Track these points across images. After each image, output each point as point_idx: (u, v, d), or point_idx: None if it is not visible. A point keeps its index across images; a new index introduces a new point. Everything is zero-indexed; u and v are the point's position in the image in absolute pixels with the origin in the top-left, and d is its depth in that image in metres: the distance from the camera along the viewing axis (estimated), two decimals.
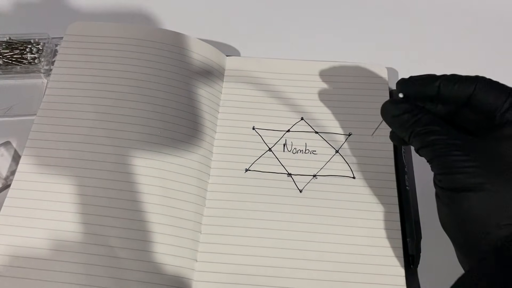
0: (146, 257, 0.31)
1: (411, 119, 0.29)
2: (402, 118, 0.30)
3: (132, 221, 0.32)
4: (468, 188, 0.26)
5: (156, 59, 0.37)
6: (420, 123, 0.29)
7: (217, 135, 0.37)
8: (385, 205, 0.34)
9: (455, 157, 0.27)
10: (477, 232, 0.26)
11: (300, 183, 0.35)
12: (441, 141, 0.28)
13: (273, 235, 0.33)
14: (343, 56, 0.41)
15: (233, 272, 0.32)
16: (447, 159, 0.27)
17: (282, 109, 0.38)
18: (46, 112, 0.35)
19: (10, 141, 0.37)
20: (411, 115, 0.29)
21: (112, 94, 0.35)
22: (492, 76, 0.30)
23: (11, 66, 0.39)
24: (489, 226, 0.26)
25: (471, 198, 0.26)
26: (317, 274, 0.31)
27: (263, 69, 0.39)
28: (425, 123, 0.29)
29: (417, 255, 0.32)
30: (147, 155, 0.34)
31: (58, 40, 0.40)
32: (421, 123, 0.29)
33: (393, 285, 0.31)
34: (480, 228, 0.26)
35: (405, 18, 0.45)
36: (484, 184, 0.26)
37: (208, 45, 0.39)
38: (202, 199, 0.34)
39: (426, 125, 0.29)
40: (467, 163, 0.26)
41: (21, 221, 0.31)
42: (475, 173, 0.26)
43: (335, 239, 0.33)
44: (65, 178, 0.33)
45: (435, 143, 0.28)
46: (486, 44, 0.44)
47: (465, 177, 0.27)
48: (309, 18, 0.45)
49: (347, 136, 0.37)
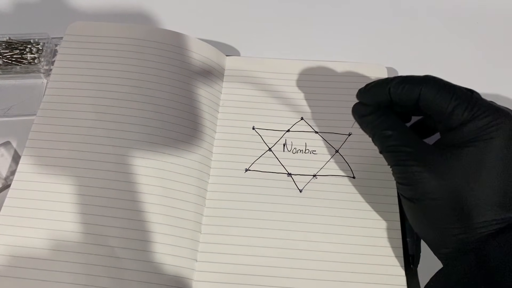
0: (146, 257, 0.31)
1: (374, 121, 0.30)
2: (367, 119, 0.30)
3: (132, 221, 0.32)
4: (416, 199, 0.27)
5: (156, 59, 0.37)
6: (380, 127, 0.29)
7: (217, 135, 0.37)
8: (385, 205, 0.34)
9: (407, 167, 0.27)
10: (435, 237, 0.27)
11: (300, 183, 0.35)
12: (396, 149, 0.28)
13: (273, 235, 0.33)
14: (343, 56, 0.41)
15: (233, 272, 0.32)
16: (400, 169, 0.28)
17: (282, 109, 0.38)
18: (46, 112, 0.35)
19: (10, 141, 0.37)
20: (375, 117, 0.30)
21: (112, 94, 0.35)
22: (492, 76, 0.30)
23: (11, 66, 0.39)
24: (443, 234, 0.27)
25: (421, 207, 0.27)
26: (317, 274, 0.31)
27: (263, 69, 0.39)
28: (384, 127, 0.29)
29: (417, 255, 0.32)
30: (147, 155, 0.34)
31: (58, 40, 0.40)
32: (381, 126, 0.29)
33: (393, 285, 0.31)
34: (436, 235, 0.27)
35: (405, 18, 0.45)
36: (420, 196, 0.27)
37: (208, 45, 0.39)
38: (202, 199, 0.34)
39: (385, 129, 0.29)
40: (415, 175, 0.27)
41: (21, 221, 0.31)
42: (420, 185, 0.27)
43: (335, 239, 0.33)
44: (65, 178, 0.33)
45: (392, 150, 0.28)
46: (486, 44, 0.44)
47: (404, 189, 0.28)
48: (309, 18, 0.45)
49: (347, 136, 0.37)
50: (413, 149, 0.27)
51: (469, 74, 0.42)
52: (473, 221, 0.25)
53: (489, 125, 0.26)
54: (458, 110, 0.27)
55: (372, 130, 0.30)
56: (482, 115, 0.26)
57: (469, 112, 0.26)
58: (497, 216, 0.25)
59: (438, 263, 0.28)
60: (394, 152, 0.28)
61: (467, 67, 0.42)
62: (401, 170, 0.28)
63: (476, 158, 0.26)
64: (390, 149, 0.28)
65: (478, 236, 0.25)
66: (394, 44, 0.44)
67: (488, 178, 0.25)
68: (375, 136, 0.30)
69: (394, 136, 0.28)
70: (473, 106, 0.26)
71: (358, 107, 0.31)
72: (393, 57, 0.42)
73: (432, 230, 0.27)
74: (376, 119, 0.29)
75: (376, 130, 0.29)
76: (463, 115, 0.26)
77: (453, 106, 0.27)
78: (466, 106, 0.26)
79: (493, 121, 0.26)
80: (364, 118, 0.30)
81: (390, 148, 0.28)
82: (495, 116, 0.26)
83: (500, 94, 0.40)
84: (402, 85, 0.28)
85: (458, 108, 0.27)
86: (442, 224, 0.26)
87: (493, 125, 0.26)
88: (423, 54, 0.43)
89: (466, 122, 0.26)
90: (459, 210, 0.26)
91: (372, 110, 0.30)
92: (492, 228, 0.25)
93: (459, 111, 0.26)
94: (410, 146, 0.28)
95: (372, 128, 0.30)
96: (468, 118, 0.26)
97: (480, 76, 0.42)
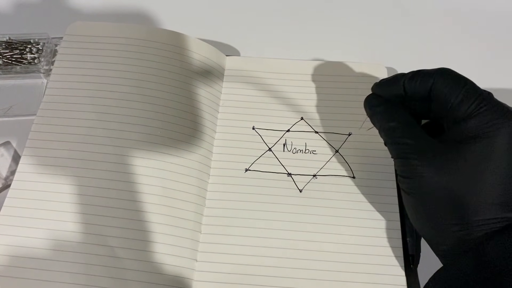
0: (146, 257, 0.31)
1: (382, 113, 0.30)
2: (376, 110, 0.31)
3: (132, 221, 0.32)
4: (416, 193, 0.27)
5: (156, 59, 0.37)
6: (387, 118, 0.29)
7: (217, 135, 0.37)
8: (385, 205, 0.34)
9: (408, 160, 0.27)
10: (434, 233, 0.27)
11: (300, 183, 0.35)
12: (399, 140, 0.28)
13: (273, 235, 0.33)
14: (343, 56, 0.41)
15: (233, 272, 0.32)
16: (401, 161, 0.28)
17: (282, 109, 0.38)
18: (46, 112, 0.35)
19: (10, 141, 0.37)
20: (383, 109, 0.30)
21: (112, 94, 0.35)
22: (492, 76, 0.30)
23: (11, 66, 0.39)
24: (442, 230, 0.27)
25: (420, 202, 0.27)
26: (317, 274, 0.31)
27: (263, 69, 0.39)
28: (390, 119, 0.29)
29: (417, 255, 0.32)
30: (147, 155, 0.34)
31: (58, 40, 0.40)
32: (388, 118, 0.29)
33: (393, 285, 0.31)
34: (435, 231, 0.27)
35: (405, 18, 0.45)
36: (419, 190, 0.27)
37: (208, 45, 0.39)
38: (202, 199, 0.34)
39: (391, 121, 0.29)
40: (416, 169, 0.27)
41: (21, 221, 0.31)
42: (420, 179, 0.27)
43: (335, 239, 0.33)
44: (65, 178, 0.33)
45: (395, 142, 0.28)
46: (486, 43, 0.44)
47: (404, 182, 0.28)
48: (309, 18, 0.45)
49: (347, 136, 0.37)
50: (416, 142, 0.27)
51: (469, 74, 0.41)
52: (473, 218, 0.25)
53: (494, 122, 0.26)
54: (466, 101, 0.27)
55: (380, 121, 0.30)
56: (489, 110, 0.26)
57: (477, 105, 0.26)
58: (497, 215, 0.25)
59: (438, 263, 0.28)
60: (397, 144, 0.28)
61: (467, 67, 0.42)
62: (403, 162, 0.28)
63: (478, 155, 0.26)
64: (394, 140, 0.29)
65: (478, 234, 0.25)
66: (394, 44, 0.44)
67: (489, 176, 0.25)
68: (381, 127, 0.30)
69: (399, 129, 0.28)
70: (481, 100, 0.26)
71: (370, 98, 0.32)
72: (393, 57, 0.42)
73: (431, 226, 0.27)
74: (385, 111, 0.30)
75: (383, 121, 0.30)
76: (470, 107, 0.26)
77: (462, 96, 0.27)
78: (475, 99, 0.26)
79: (499, 118, 0.26)
80: (373, 108, 0.31)
81: (394, 140, 0.29)
82: (501, 113, 0.26)
83: (500, 93, 0.40)
84: (416, 76, 0.29)
85: (466, 99, 0.27)
86: (441, 220, 0.26)
87: (499, 123, 0.26)
88: (423, 54, 0.43)
89: (473, 116, 0.26)
90: (458, 207, 0.26)
91: (383, 102, 0.30)
92: (492, 227, 0.25)
93: (467, 102, 0.27)
94: (413, 139, 0.28)
95: (380, 119, 0.30)
96: (475, 111, 0.26)
97: (480, 75, 0.41)
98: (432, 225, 0.27)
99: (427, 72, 0.29)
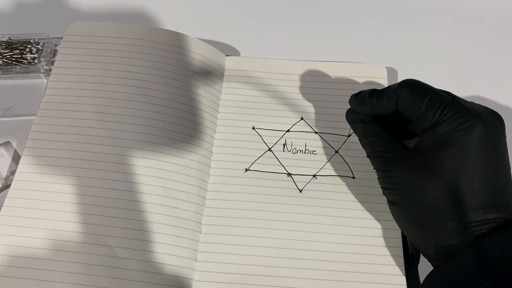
0: (146, 257, 0.31)
1: (361, 128, 0.31)
2: (355, 125, 0.32)
3: (132, 221, 0.32)
4: (397, 202, 0.28)
5: (156, 59, 0.37)
6: (366, 133, 0.30)
7: (217, 135, 0.37)
8: (385, 205, 0.33)
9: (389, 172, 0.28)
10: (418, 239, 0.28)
11: (300, 183, 0.35)
12: (379, 154, 0.29)
13: (273, 235, 0.33)
14: (343, 56, 0.41)
15: (233, 272, 0.32)
16: (382, 173, 0.29)
17: (282, 109, 0.38)
18: (46, 112, 0.35)
19: (10, 141, 0.37)
20: (362, 124, 0.31)
21: (112, 94, 0.35)
22: (492, 76, 0.30)
23: (11, 66, 0.39)
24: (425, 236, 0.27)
25: (402, 210, 0.28)
26: (317, 274, 0.31)
27: (263, 69, 0.39)
28: (369, 134, 0.30)
29: (417, 254, 0.32)
30: (147, 155, 0.34)
31: (58, 40, 0.40)
32: (367, 133, 0.30)
33: (393, 285, 0.31)
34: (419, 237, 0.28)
35: (405, 18, 0.45)
36: (401, 200, 0.28)
37: (208, 45, 0.39)
38: (202, 199, 0.34)
39: (370, 136, 0.30)
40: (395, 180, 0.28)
41: (21, 221, 0.31)
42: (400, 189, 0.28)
43: (335, 239, 0.33)
44: (65, 178, 0.33)
45: (376, 156, 0.29)
46: (486, 44, 0.44)
47: (387, 193, 0.29)
48: (309, 18, 0.45)
49: (346, 136, 0.37)
50: (394, 155, 0.28)
51: (468, 74, 0.42)
52: (451, 224, 0.26)
53: (463, 125, 0.26)
54: (430, 110, 0.27)
55: (359, 136, 0.31)
56: (452, 117, 0.26)
57: (440, 113, 0.27)
58: (478, 218, 0.25)
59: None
60: (378, 158, 0.29)
61: (467, 67, 0.42)
62: (383, 175, 0.29)
63: (453, 161, 0.26)
64: (375, 154, 0.30)
65: (460, 240, 0.25)
66: (394, 44, 0.44)
67: (467, 181, 0.25)
68: (361, 141, 0.31)
69: (377, 143, 0.29)
70: (444, 107, 0.27)
71: (349, 113, 0.33)
72: (393, 57, 0.42)
73: (415, 232, 0.28)
74: (363, 126, 0.31)
75: (362, 136, 0.31)
76: (435, 116, 0.27)
77: (425, 107, 0.27)
78: (437, 108, 0.27)
79: (467, 122, 0.26)
80: (353, 124, 0.32)
81: (374, 154, 0.30)
82: (465, 118, 0.26)
83: (500, 93, 0.40)
84: (382, 95, 0.29)
85: (429, 109, 0.27)
86: (422, 226, 0.27)
87: (468, 126, 0.26)
88: (423, 54, 0.43)
89: (438, 124, 0.27)
90: (439, 214, 0.26)
91: (361, 118, 0.31)
92: (475, 230, 0.25)
93: (431, 111, 0.27)
94: (391, 152, 0.28)
95: (359, 134, 0.31)
96: (440, 118, 0.27)
97: (479, 76, 0.42)
98: (415, 231, 0.28)
99: (391, 88, 0.29)
